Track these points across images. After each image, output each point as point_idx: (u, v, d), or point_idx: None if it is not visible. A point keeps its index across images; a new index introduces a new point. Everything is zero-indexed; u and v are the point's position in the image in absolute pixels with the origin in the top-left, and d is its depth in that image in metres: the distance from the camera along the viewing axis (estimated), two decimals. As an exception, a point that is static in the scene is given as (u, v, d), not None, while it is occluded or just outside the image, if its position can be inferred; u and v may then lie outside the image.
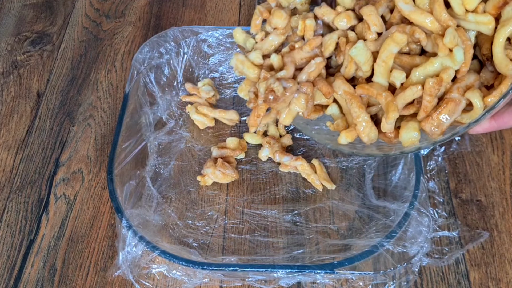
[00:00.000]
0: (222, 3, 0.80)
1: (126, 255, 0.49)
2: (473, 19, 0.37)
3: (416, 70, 0.38)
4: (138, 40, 0.76)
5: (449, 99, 0.37)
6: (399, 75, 0.38)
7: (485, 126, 0.40)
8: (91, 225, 0.56)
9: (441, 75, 0.37)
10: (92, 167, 0.61)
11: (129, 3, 0.82)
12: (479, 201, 0.56)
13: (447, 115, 0.37)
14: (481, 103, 0.37)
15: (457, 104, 0.37)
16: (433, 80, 0.37)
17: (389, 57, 0.39)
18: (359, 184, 0.57)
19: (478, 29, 0.38)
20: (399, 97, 0.39)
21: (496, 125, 0.40)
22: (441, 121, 0.37)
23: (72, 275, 0.52)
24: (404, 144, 0.40)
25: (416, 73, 0.38)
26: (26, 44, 0.76)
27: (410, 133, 0.39)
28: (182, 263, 0.46)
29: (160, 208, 0.55)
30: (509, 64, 0.36)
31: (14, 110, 0.68)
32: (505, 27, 0.36)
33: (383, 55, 0.39)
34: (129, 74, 0.61)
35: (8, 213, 0.58)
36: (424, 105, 0.38)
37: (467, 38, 0.37)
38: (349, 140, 0.42)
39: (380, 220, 0.51)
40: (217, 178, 0.57)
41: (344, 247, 0.50)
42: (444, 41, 0.36)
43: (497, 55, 0.36)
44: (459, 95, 0.37)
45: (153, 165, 0.59)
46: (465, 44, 0.37)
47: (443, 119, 0.37)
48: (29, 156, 0.63)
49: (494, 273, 0.51)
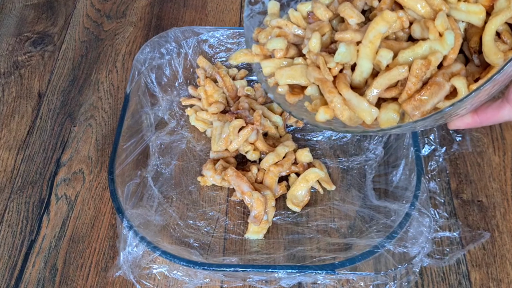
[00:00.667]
0: (223, 4, 0.80)
1: (127, 256, 0.49)
2: (465, 8, 0.37)
3: (404, 52, 0.38)
4: (139, 41, 0.76)
5: (433, 82, 0.37)
6: (386, 54, 0.38)
7: (467, 121, 0.39)
8: (92, 225, 0.56)
9: (429, 57, 0.37)
10: (93, 168, 0.61)
11: (130, 3, 0.82)
12: (480, 202, 0.56)
13: (428, 97, 0.37)
14: (466, 90, 0.36)
15: (440, 88, 0.37)
16: (421, 62, 0.36)
17: (377, 37, 0.38)
18: (360, 185, 0.57)
19: (468, 20, 0.38)
20: (383, 76, 0.38)
21: (479, 120, 0.39)
22: (423, 102, 0.37)
23: (73, 275, 0.53)
24: (382, 124, 0.39)
25: (404, 54, 0.38)
26: (27, 45, 0.76)
27: (389, 113, 0.39)
28: (183, 263, 0.46)
29: (161, 208, 0.55)
30: (498, 52, 0.36)
31: (15, 111, 0.68)
32: (498, 16, 0.36)
33: (370, 35, 0.38)
34: (130, 74, 0.61)
35: (9, 213, 0.58)
36: (408, 86, 0.37)
37: (457, 27, 0.38)
38: (327, 116, 0.41)
39: (381, 220, 0.51)
40: (216, 181, 0.57)
41: (345, 247, 0.50)
42: (436, 23, 0.36)
43: (487, 43, 0.36)
44: (444, 80, 0.37)
45: (155, 165, 0.59)
46: (454, 32, 0.37)
47: (424, 100, 0.37)
48: (30, 156, 0.63)
49: (495, 273, 0.51)
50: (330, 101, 0.40)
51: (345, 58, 0.39)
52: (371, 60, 0.39)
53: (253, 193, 0.52)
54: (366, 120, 0.39)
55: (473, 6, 0.37)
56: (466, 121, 0.40)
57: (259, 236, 0.53)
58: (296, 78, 0.44)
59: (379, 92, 0.39)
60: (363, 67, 0.40)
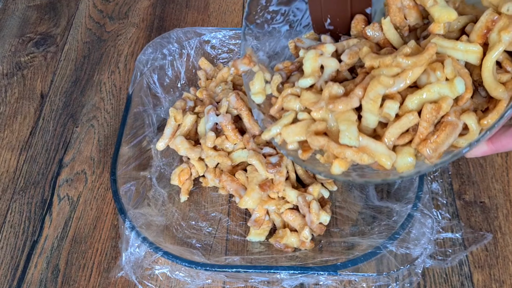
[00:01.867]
0: (225, 5, 0.81)
1: (129, 256, 0.49)
2: (463, 48, 0.37)
3: (412, 97, 0.38)
4: (141, 42, 0.76)
5: (447, 122, 0.37)
6: (393, 105, 0.37)
7: (483, 149, 0.40)
8: (94, 226, 0.56)
9: (441, 103, 0.37)
10: (96, 168, 0.61)
11: (132, 4, 0.82)
12: (483, 203, 0.56)
13: (444, 138, 0.37)
14: (477, 126, 0.37)
15: (455, 128, 0.37)
16: (432, 106, 0.36)
17: (377, 97, 0.38)
18: (361, 185, 0.57)
19: (466, 59, 0.38)
20: (394, 126, 0.38)
21: (494, 148, 0.40)
22: (439, 144, 0.37)
23: (75, 275, 0.53)
24: (399, 170, 0.39)
25: (412, 99, 0.37)
26: (30, 46, 0.76)
27: (405, 158, 0.39)
28: (185, 264, 0.46)
29: (163, 209, 0.55)
30: (499, 87, 0.36)
31: (18, 111, 0.68)
32: (491, 52, 0.36)
33: (370, 95, 0.38)
34: (133, 75, 0.61)
35: (12, 213, 0.58)
36: (420, 131, 0.37)
37: (462, 66, 0.38)
38: (342, 168, 0.40)
39: (383, 221, 0.51)
40: (217, 184, 0.57)
41: (347, 248, 0.50)
42: (446, 71, 0.36)
43: (487, 80, 0.37)
44: (456, 119, 0.37)
45: (158, 166, 0.59)
46: (461, 72, 0.37)
47: (440, 142, 0.37)
48: (32, 157, 0.63)
49: (498, 275, 0.51)
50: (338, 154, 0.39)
51: (352, 142, 0.39)
52: (375, 114, 0.39)
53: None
54: (385, 165, 0.38)
55: (470, 46, 0.37)
56: (482, 150, 0.40)
57: (261, 239, 0.53)
58: (303, 134, 0.42)
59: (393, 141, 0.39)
60: (369, 120, 0.39)
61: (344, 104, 0.38)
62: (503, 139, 0.39)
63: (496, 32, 0.36)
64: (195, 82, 0.67)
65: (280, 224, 0.54)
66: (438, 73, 0.37)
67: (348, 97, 0.38)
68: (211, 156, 0.55)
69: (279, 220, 0.54)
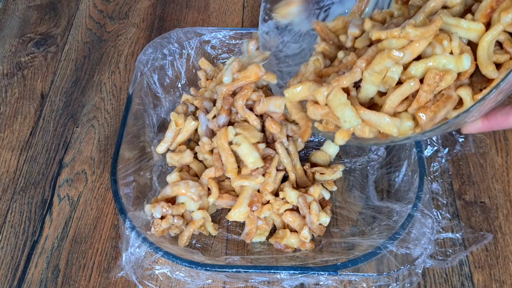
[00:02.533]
0: (226, 5, 0.81)
1: (130, 256, 0.49)
2: (466, 26, 0.38)
3: (418, 64, 0.38)
4: (141, 42, 0.76)
5: (448, 96, 0.38)
6: (397, 68, 0.38)
7: (477, 125, 0.41)
8: (95, 226, 0.56)
9: (446, 75, 0.37)
10: (96, 168, 0.61)
11: (132, 4, 0.82)
12: (483, 203, 0.56)
13: (442, 109, 0.38)
14: (471, 100, 0.38)
15: (452, 101, 0.38)
16: (437, 71, 0.37)
17: (383, 70, 0.39)
18: (362, 186, 0.57)
19: (468, 37, 0.39)
20: (394, 93, 0.39)
21: (489, 125, 0.40)
22: (436, 113, 0.38)
23: (75, 276, 0.53)
24: (400, 134, 0.40)
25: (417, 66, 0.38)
26: (30, 46, 0.76)
27: (405, 123, 0.40)
28: (185, 264, 0.46)
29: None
30: (490, 66, 0.37)
31: (18, 111, 0.68)
32: (488, 31, 0.37)
33: (376, 68, 0.39)
34: (133, 75, 0.61)
35: (12, 213, 0.58)
36: (421, 97, 0.38)
37: (464, 43, 0.39)
38: (346, 139, 0.42)
39: (383, 221, 0.51)
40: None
41: (347, 248, 0.50)
42: (453, 44, 0.37)
43: (480, 58, 0.38)
44: (454, 92, 0.38)
45: (158, 166, 0.59)
46: (464, 49, 0.38)
47: (438, 112, 0.38)
48: (33, 157, 0.63)
49: (498, 275, 0.51)
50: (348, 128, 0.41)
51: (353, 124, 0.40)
52: (377, 85, 0.40)
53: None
54: (392, 133, 0.39)
55: (473, 24, 0.38)
56: (477, 126, 0.41)
57: (261, 239, 0.53)
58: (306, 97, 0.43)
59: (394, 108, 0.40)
60: (369, 90, 0.40)
61: (348, 79, 0.39)
62: (498, 117, 0.39)
63: (498, 12, 0.37)
64: (195, 82, 0.67)
65: (280, 224, 0.54)
66: (445, 43, 0.37)
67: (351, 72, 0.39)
68: (208, 160, 0.55)
69: (279, 220, 0.54)
